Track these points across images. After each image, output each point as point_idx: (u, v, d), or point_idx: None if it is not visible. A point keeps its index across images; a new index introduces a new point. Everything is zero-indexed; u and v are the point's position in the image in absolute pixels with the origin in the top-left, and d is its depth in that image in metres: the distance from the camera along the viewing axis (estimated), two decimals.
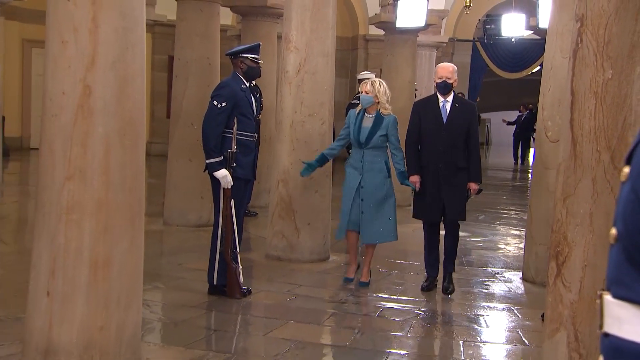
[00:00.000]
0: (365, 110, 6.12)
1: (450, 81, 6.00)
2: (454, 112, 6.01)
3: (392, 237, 6.17)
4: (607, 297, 1.19)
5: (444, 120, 6.00)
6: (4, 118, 11.98)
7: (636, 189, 1.12)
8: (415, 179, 6.02)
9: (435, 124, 6.01)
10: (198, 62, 8.44)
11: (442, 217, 6.13)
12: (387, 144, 6.18)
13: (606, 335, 1.20)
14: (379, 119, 6.07)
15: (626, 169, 1.17)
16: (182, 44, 8.57)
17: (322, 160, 6.32)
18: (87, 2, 3.86)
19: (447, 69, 6.09)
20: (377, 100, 6.04)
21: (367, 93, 6.05)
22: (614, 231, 1.18)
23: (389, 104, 6.20)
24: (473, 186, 6.04)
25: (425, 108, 6.18)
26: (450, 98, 6.06)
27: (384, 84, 6.20)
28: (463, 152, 6.03)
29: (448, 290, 6.16)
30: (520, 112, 23.05)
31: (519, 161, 22.54)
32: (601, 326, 1.20)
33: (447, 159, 5.94)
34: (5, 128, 13.02)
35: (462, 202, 6.09)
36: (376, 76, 10.47)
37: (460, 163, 6.00)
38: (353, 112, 6.24)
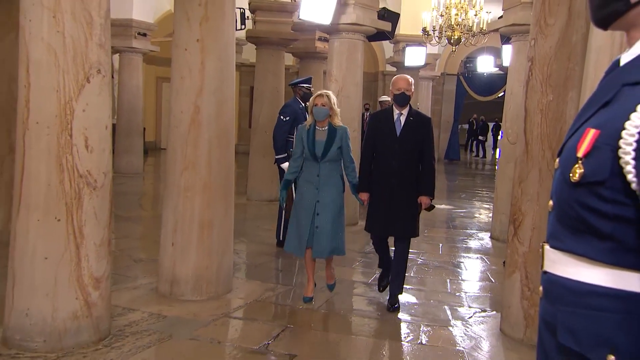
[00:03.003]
0: (315, 124, 4.16)
1: (408, 93, 4.04)
2: (408, 125, 4.06)
3: (343, 252, 4.23)
4: (546, 247, 1.20)
5: (398, 133, 4.05)
6: (144, 129, 12.31)
7: (564, 173, 1.12)
8: (364, 196, 4.17)
9: (389, 137, 4.06)
10: (270, 91, 8.46)
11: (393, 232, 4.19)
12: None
13: (545, 272, 1.20)
14: (332, 130, 4.12)
15: (557, 160, 1.18)
16: (259, 78, 8.61)
17: (288, 185, 4.33)
18: (197, 51, 3.93)
19: (406, 80, 4.08)
20: (331, 113, 4.12)
21: (323, 105, 4.08)
22: (550, 202, 1.19)
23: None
24: (424, 200, 4.05)
25: (381, 120, 4.16)
26: (405, 111, 4.08)
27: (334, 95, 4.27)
28: (417, 166, 4.07)
29: (394, 306, 4.17)
30: (478, 122, 22.18)
31: (475, 153, 22.35)
32: (542, 266, 1.21)
33: (399, 173, 4.03)
34: (146, 135, 13.37)
35: (414, 217, 4.10)
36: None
37: (413, 178, 4.06)
38: (302, 128, 4.22)
